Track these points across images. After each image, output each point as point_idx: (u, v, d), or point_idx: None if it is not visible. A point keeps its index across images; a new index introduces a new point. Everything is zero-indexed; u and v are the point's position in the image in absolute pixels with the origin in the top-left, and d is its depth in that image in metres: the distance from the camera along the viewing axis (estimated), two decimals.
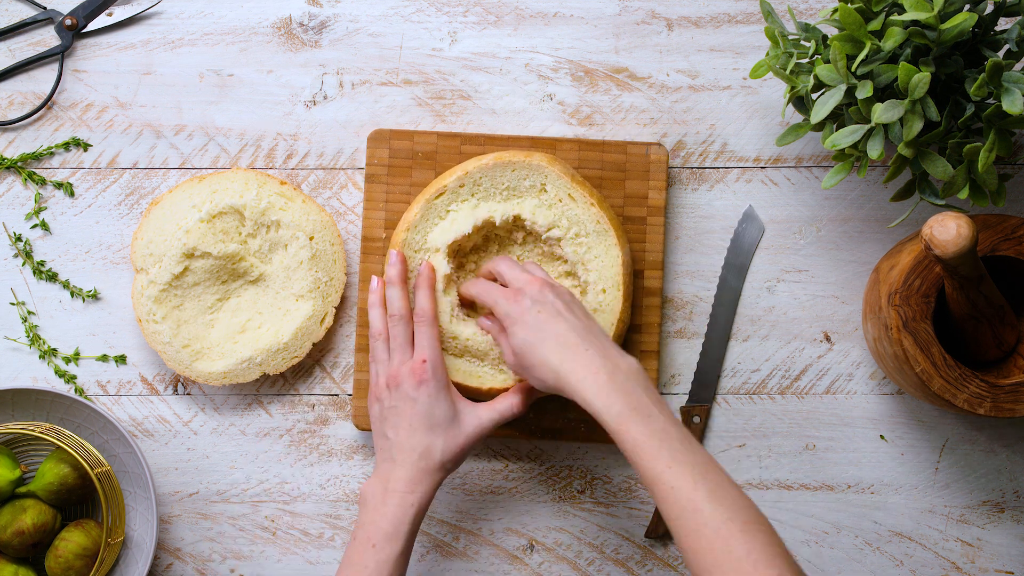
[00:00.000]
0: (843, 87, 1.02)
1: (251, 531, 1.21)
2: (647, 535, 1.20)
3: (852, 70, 1.02)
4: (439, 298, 1.14)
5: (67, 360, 1.20)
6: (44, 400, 1.16)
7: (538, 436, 1.19)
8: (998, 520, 1.21)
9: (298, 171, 1.21)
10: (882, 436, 1.21)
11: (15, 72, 1.21)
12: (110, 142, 1.21)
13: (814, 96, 1.09)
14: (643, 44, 1.21)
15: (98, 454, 1.15)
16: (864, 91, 1.00)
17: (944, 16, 1.00)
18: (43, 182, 1.21)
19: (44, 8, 1.21)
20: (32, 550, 1.13)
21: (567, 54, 1.21)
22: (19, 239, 1.20)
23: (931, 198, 1.07)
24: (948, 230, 0.95)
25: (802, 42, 1.10)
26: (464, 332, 1.14)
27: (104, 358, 1.20)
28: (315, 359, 1.21)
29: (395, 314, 1.11)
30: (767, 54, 1.08)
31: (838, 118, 1.07)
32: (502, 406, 1.10)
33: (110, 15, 1.21)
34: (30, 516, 1.13)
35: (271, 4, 1.21)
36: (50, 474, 1.14)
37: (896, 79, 1.01)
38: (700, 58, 1.21)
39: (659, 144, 1.18)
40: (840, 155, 1.06)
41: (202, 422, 1.21)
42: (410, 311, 1.12)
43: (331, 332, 1.20)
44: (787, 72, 1.07)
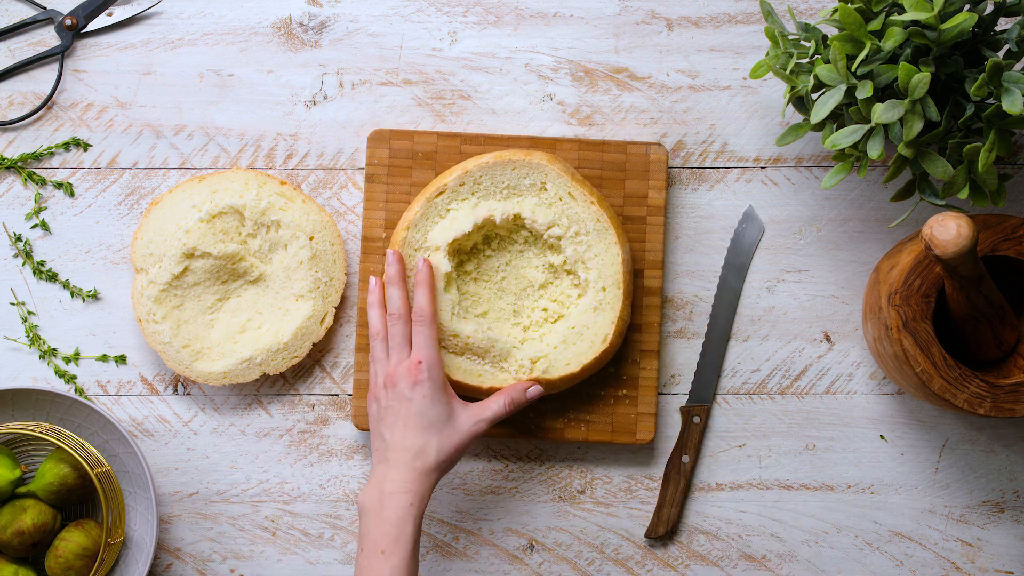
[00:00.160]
0: (843, 87, 1.02)
1: (251, 531, 1.21)
2: (647, 535, 1.20)
3: (852, 70, 1.01)
4: (439, 296, 1.14)
5: (67, 360, 1.20)
6: (44, 400, 1.16)
7: (538, 436, 1.18)
8: (998, 520, 1.21)
9: (298, 171, 1.21)
10: (882, 436, 1.21)
11: (15, 72, 1.21)
12: (110, 142, 1.21)
13: (814, 96, 1.09)
14: (643, 44, 1.21)
15: (98, 454, 1.15)
16: (864, 91, 1.00)
17: (944, 16, 1.00)
18: (43, 182, 1.21)
19: (44, 8, 1.21)
20: (32, 550, 1.13)
21: (567, 54, 1.21)
22: (19, 239, 1.20)
23: (931, 198, 1.07)
24: (948, 230, 0.95)
25: (802, 42, 1.10)
26: (465, 330, 1.14)
27: (104, 358, 1.20)
28: (315, 359, 1.21)
29: (394, 313, 1.11)
30: (767, 54, 1.08)
31: (838, 118, 1.07)
32: (495, 405, 1.10)
33: (110, 15, 1.21)
34: (30, 516, 1.12)
35: (271, 4, 1.21)
36: (50, 474, 1.14)
37: (896, 79, 1.01)
38: (700, 58, 1.21)
39: (659, 144, 1.18)
40: (840, 155, 1.06)
41: (202, 422, 1.21)
42: (409, 310, 1.12)
43: (331, 332, 1.20)
44: (787, 72, 1.07)
